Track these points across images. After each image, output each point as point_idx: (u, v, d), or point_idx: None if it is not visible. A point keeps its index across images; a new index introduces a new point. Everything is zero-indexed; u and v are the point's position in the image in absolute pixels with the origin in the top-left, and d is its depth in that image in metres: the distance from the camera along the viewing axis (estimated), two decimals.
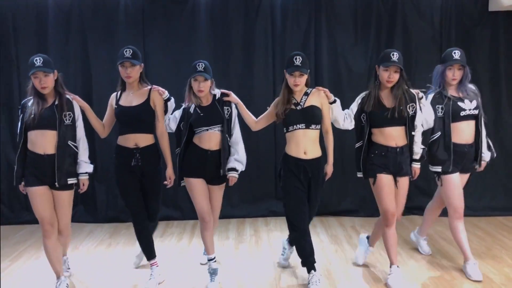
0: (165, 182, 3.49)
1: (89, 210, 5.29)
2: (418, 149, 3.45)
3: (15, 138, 5.06)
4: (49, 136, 3.24)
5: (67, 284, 3.38)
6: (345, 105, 3.58)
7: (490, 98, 5.24)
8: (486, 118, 3.70)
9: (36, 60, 3.23)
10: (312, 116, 3.33)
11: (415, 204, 5.09)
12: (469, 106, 3.55)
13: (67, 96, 3.36)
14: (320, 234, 4.68)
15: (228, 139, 3.46)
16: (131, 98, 3.43)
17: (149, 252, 3.54)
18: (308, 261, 3.40)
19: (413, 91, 3.42)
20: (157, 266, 3.55)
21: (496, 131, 5.28)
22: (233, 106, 3.51)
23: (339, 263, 3.95)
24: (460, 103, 3.54)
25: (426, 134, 3.59)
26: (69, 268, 3.79)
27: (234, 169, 3.46)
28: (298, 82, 3.30)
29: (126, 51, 3.32)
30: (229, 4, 5.12)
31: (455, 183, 3.59)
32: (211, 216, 3.45)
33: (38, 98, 3.27)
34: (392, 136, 3.39)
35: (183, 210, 5.24)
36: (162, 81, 4.07)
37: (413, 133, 3.39)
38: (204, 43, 5.13)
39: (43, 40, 5.08)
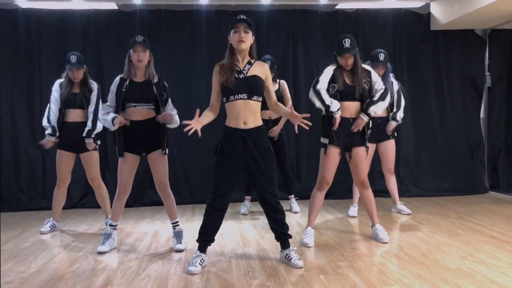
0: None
1: None
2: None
3: (34, 133, 5.88)
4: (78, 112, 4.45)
5: None
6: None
7: (435, 100, 6.41)
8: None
9: (72, 57, 4.42)
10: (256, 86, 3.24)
11: (379, 188, 6.05)
12: None
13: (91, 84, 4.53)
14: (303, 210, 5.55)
15: None
16: None
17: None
18: (201, 239, 3.37)
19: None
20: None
21: (442, 127, 6.44)
22: None
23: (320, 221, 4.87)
24: None
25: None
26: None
27: None
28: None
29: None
30: (222, 23, 6.09)
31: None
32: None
33: (69, 84, 4.45)
34: (349, 108, 3.82)
35: (183, 195, 6.04)
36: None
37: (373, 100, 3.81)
38: (201, 55, 6.10)
39: (62, 50, 5.90)
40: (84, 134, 4.37)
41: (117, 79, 3.83)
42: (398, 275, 3.09)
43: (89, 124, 4.41)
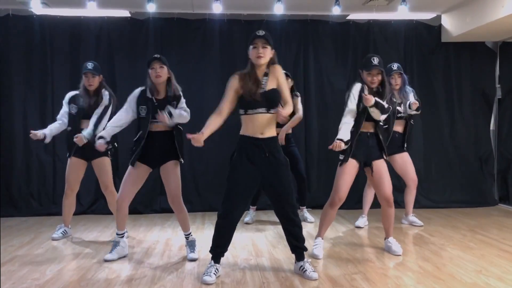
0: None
1: None
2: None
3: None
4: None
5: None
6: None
7: (445, 111, 6.42)
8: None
9: (89, 64, 4.35)
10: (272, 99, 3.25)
11: None
12: (402, 109, 4.77)
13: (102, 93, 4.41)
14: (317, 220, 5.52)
15: None
16: None
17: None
18: (215, 250, 3.36)
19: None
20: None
21: (451, 138, 6.44)
22: None
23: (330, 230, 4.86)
24: (398, 107, 4.69)
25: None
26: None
27: None
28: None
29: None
30: (234, 32, 6.17)
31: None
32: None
33: (86, 95, 4.37)
34: (369, 126, 3.82)
35: (192, 203, 6.05)
36: None
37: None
38: (213, 63, 6.13)
39: (75, 57, 5.94)
40: (83, 134, 4.18)
41: (137, 92, 3.83)
42: None
43: (90, 125, 4.25)
